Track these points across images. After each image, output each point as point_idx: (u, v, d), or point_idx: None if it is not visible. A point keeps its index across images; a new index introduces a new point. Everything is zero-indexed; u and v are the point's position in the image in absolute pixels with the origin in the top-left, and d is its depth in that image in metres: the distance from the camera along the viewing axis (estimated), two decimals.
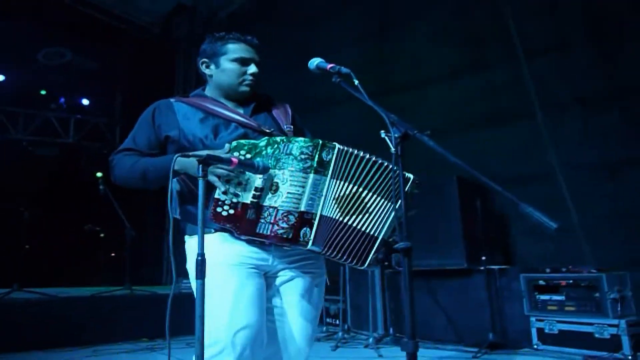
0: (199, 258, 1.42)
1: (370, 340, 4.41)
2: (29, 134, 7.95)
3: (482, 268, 4.22)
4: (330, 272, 5.27)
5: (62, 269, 6.67)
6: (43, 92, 8.21)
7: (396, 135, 1.49)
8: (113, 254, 7.76)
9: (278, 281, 1.78)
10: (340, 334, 4.82)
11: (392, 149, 1.50)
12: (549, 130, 4.81)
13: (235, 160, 1.52)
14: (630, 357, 3.32)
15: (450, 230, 4.31)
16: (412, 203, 1.67)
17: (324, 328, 5.41)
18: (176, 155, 1.55)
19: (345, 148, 1.67)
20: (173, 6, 8.59)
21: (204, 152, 1.53)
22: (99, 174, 6.75)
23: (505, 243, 4.97)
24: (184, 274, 1.75)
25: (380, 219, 1.67)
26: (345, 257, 1.65)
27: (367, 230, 1.66)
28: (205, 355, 1.40)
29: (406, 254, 1.41)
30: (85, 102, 8.70)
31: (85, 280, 6.70)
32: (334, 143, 1.67)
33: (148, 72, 8.22)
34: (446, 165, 5.37)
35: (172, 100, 1.85)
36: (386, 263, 5.06)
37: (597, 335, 3.55)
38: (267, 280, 1.77)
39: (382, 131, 1.54)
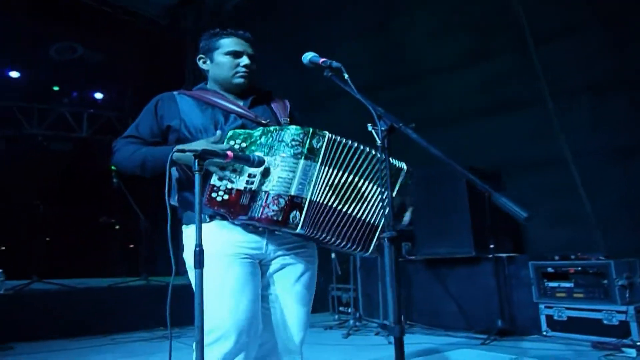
0: (197, 249, 1.48)
1: (378, 327, 4.47)
2: (44, 129, 8.10)
3: (490, 256, 4.24)
4: (341, 262, 5.37)
5: (80, 260, 6.82)
6: (56, 88, 8.32)
7: (382, 128, 1.54)
8: (132, 246, 7.89)
9: (272, 269, 1.85)
10: (351, 322, 4.89)
11: (379, 142, 1.55)
12: (559, 117, 4.79)
13: (230, 154, 1.57)
14: (638, 343, 3.34)
15: (459, 219, 4.33)
16: (407, 192, 1.72)
17: (336, 316, 5.50)
18: (173, 150, 1.63)
19: (335, 136, 1.72)
20: None
21: (200, 147, 1.60)
22: (113, 167, 6.85)
23: (518, 231, 4.98)
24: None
25: (378, 207, 1.73)
26: (346, 243, 1.72)
27: (366, 218, 1.73)
28: (205, 342, 1.48)
29: (392, 242, 1.46)
30: (97, 96, 8.82)
31: (103, 272, 6.84)
32: (325, 131, 1.72)
33: (158, 64, 8.31)
34: (455, 156, 5.36)
35: (174, 92, 1.93)
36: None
37: (605, 322, 3.58)
38: (262, 268, 1.84)
39: (369, 124, 1.58)
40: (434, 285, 4.63)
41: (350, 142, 1.74)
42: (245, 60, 1.92)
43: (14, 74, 7.98)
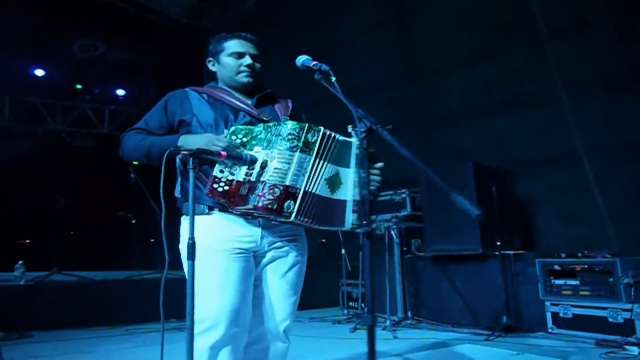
0: (190, 241, 1.60)
1: (387, 323, 4.52)
2: (67, 125, 8.35)
3: (497, 253, 4.24)
4: (351, 258, 5.42)
5: (99, 253, 7.03)
6: (79, 87, 8.56)
7: (362, 129, 1.62)
8: (152, 240, 8.08)
9: (264, 260, 1.95)
10: (359, 316, 4.95)
11: (356, 141, 1.66)
12: (572, 113, 4.74)
13: (224, 153, 1.68)
14: None
15: (466, 217, 4.32)
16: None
17: (345, 311, 5.56)
18: (172, 146, 1.74)
19: (329, 132, 1.82)
20: None
21: (197, 145, 1.72)
22: (134, 163, 7.04)
23: (528, 228, 4.96)
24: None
25: (353, 188, 1.85)
26: (329, 225, 1.83)
27: (345, 200, 1.85)
28: (195, 331, 1.59)
29: (368, 237, 1.53)
30: (119, 92, 9.04)
31: (121, 265, 7.04)
32: (320, 127, 1.81)
33: (178, 61, 8.47)
34: (467, 152, 5.36)
35: (187, 89, 2.04)
36: (405, 248, 5.15)
37: (610, 320, 3.56)
38: (256, 260, 1.94)
39: (350, 126, 1.66)
40: (442, 281, 4.65)
41: (340, 137, 1.83)
42: (247, 60, 2.03)
43: (39, 72, 8.24)
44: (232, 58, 2.03)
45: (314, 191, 1.78)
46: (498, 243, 4.21)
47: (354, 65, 6.42)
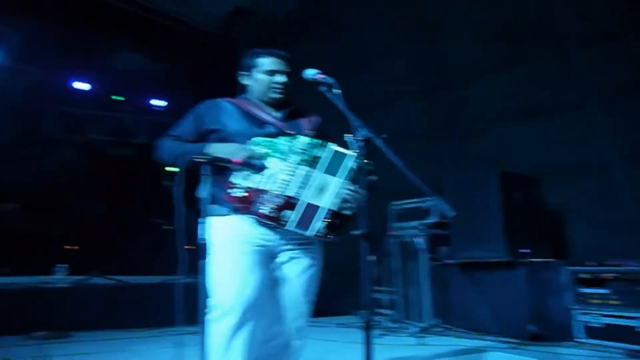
0: (202, 242, 1.89)
1: (415, 329, 4.54)
2: (107, 135, 8.73)
3: (524, 261, 4.22)
4: (379, 264, 5.46)
5: (135, 258, 7.26)
6: (120, 98, 8.92)
7: (359, 138, 1.79)
8: (192, 247, 8.28)
9: (280, 260, 2.10)
10: (387, 323, 4.99)
11: (355, 150, 1.84)
12: (601, 119, 4.69)
13: (238, 161, 1.90)
14: None
15: (493, 224, 4.33)
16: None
17: (375, 318, 5.59)
18: (197, 154, 1.96)
19: (337, 148, 1.97)
20: (232, 8, 9.01)
21: (219, 154, 1.95)
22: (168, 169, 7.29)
23: (558, 236, 4.90)
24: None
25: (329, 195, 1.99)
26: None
27: (316, 203, 1.98)
28: (212, 317, 1.89)
29: (366, 238, 1.71)
30: (156, 103, 9.37)
31: (157, 270, 7.23)
32: (330, 144, 1.97)
33: (210, 71, 8.74)
34: (494, 160, 5.33)
35: (219, 100, 2.21)
36: (432, 255, 5.16)
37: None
38: (272, 258, 2.09)
39: (346, 135, 1.86)
40: (469, 288, 4.65)
41: (348, 152, 1.96)
42: (280, 78, 2.17)
43: (80, 85, 8.63)
44: (266, 75, 2.16)
45: (314, 203, 1.94)
46: (525, 251, 4.19)
47: (385, 75, 6.51)
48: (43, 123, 8.37)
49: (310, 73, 2.06)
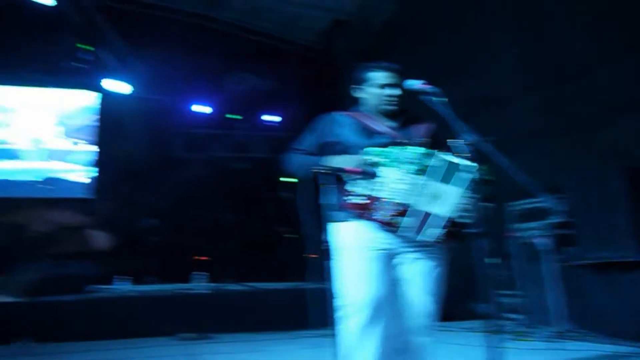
0: (325, 246, 2.12)
1: (549, 334, 4.41)
2: (227, 152, 9.48)
3: None
4: (504, 267, 5.31)
5: (264, 266, 7.70)
6: (238, 117, 9.65)
7: (466, 142, 1.96)
8: (316, 254, 8.63)
9: (403, 261, 2.22)
10: (515, 327, 4.87)
11: (466, 155, 1.99)
12: None
13: (356, 170, 2.07)
14: None
15: (622, 222, 4.08)
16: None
17: (501, 321, 5.44)
18: (316, 166, 2.21)
19: (446, 157, 2.08)
20: (331, 22, 9.32)
21: (334, 165, 2.15)
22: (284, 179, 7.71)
23: None
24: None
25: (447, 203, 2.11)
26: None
27: (432, 211, 2.10)
28: (344, 316, 2.11)
29: (483, 238, 1.92)
30: (270, 119, 9.98)
31: (286, 276, 7.56)
32: (442, 153, 2.08)
33: (314, 85, 9.24)
34: (616, 154, 5.02)
35: (334, 113, 2.41)
36: (558, 256, 4.94)
37: None
38: (394, 259, 2.22)
39: (452, 139, 2.05)
40: (601, 291, 4.40)
41: (462, 162, 2.07)
42: (392, 91, 2.31)
43: (201, 108, 9.47)
44: (378, 88, 2.32)
45: (424, 209, 2.06)
46: None
47: (493, 74, 6.34)
48: (171, 145, 9.30)
49: (414, 83, 2.20)
